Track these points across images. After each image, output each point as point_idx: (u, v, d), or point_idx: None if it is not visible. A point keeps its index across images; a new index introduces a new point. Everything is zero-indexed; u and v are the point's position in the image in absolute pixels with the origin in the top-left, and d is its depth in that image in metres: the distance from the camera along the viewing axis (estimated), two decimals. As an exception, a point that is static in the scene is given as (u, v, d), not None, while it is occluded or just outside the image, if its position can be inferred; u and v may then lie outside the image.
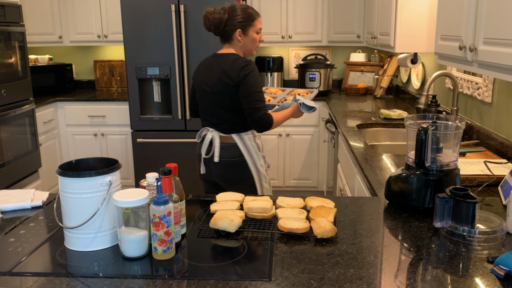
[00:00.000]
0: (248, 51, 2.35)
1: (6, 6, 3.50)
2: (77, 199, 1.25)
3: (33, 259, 1.24)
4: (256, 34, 2.32)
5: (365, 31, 4.11)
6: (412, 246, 1.26)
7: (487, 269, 1.14)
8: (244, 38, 2.29)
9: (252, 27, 2.29)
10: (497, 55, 1.45)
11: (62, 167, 1.29)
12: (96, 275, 1.14)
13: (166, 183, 1.24)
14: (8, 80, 3.53)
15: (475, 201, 1.29)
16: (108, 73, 4.88)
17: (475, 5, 1.63)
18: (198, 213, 1.54)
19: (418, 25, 2.86)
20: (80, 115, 4.33)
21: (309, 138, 4.24)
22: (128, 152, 4.37)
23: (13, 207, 1.59)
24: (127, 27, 3.80)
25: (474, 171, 1.78)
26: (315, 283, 1.08)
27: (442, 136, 1.48)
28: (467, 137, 2.44)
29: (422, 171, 1.47)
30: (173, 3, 3.71)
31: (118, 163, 1.32)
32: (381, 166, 2.01)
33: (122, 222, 1.23)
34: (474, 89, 2.44)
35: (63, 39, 4.52)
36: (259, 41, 2.35)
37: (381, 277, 1.11)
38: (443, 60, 2.00)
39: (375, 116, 3.24)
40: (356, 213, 1.51)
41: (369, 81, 4.45)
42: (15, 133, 3.60)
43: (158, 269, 1.17)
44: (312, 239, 1.31)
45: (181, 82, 3.86)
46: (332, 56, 4.78)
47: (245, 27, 2.28)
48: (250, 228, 1.39)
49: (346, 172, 2.70)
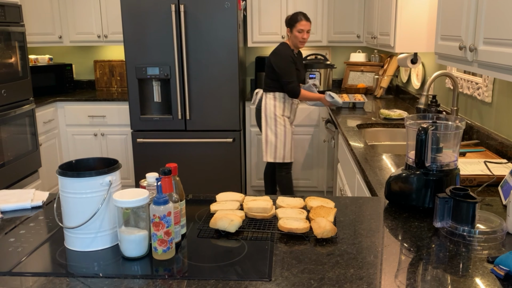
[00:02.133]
0: (294, 44, 3.49)
1: (6, 6, 3.50)
2: (77, 199, 1.25)
3: (33, 259, 1.24)
4: (298, 33, 3.41)
5: (365, 31, 4.11)
6: (412, 246, 1.26)
7: (487, 269, 1.14)
8: (290, 34, 3.48)
9: (294, 28, 3.42)
10: (497, 55, 1.45)
11: (62, 167, 1.29)
12: (96, 275, 1.14)
13: (166, 183, 1.24)
14: (8, 80, 3.53)
15: (475, 201, 1.29)
16: (108, 73, 4.88)
17: (475, 5, 1.63)
18: (198, 213, 1.54)
19: (418, 25, 2.86)
20: (80, 115, 4.33)
21: (309, 138, 4.24)
22: (128, 152, 4.37)
23: (13, 207, 1.59)
24: (127, 27, 3.80)
25: (474, 171, 1.78)
26: (315, 283, 1.08)
27: (442, 136, 1.48)
28: (467, 137, 2.44)
29: (422, 171, 1.47)
30: (173, 3, 3.71)
31: (118, 163, 1.32)
32: (381, 166, 2.01)
33: (122, 222, 1.23)
34: (474, 89, 2.44)
35: (63, 39, 4.52)
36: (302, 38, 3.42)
37: (381, 277, 1.11)
38: (443, 60, 2.00)
39: (375, 116, 3.24)
40: (356, 213, 1.51)
41: (369, 81, 4.45)
42: (15, 133, 3.60)
43: (158, 269, 1.17)
44: (312, 239, 1.31)
45: (181, 82, 3.86)
46: (332, 56, 4.78)
47: (291, 27, 3.46)
48: (250, 228, 1.39)
49: (346, 172, 2.70)
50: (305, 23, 3.40)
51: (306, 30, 3.41)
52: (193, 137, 3.97)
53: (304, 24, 3.40)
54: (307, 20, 3.42)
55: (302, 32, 3.40)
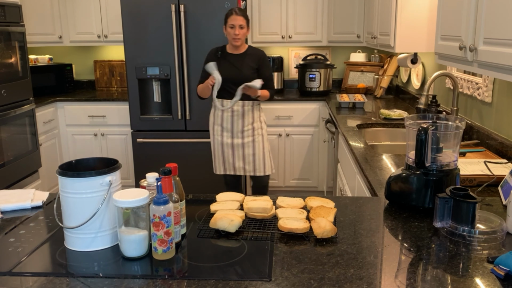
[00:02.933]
0: (230, 42, 3.16)
1: (6, 6, 3.50)
2: (77, 199, 1.25)
3: (33, 259, 1.24)
4: (230, 28, 3.08)
5: (365, 31, 4.11)
6: (412, 246, 1.26)
7: (487, 269, 1.14)
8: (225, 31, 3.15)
9: (226, 23, 3.11)
10: (497, 55, 1.45)
11: (62, 167, 1.29)
12: (96, 275, 1.14)
13: (166, 183, 1.24)
14: (8, 80, 3.53)
15: (475, 201, 1.29)
16: (108, 73, 4.88)
17: (475, 5, 1.63)
18: (198, 213, 1.54)
19: (418, 25, 2.86)
20: (80, 115, 4.33)
21: (309, 138, 4.24)
22: (128, 152, 4.37)
23: (13, 207, 1.59)
24: (127, 27, 3.80)
25: (474, 171, 1.78)
26: (315, 283, 1.08)
27: (442, 136, 1.48)
28: (467, 137, 2.44)
29: (422, 171, 1.47)
30: (173, 3, 3.71)
31: (118, 163, 1.32)
32: (381, 166, 2.01)
33: (122, 222, 1.23)
34: (474, 89, 2.44)
35: (63, 39, 4.52)
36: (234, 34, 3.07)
37: (381, 277, 1.11)
38: (443, 60, 2.00)
39: (375, 116, 3.24)
40: (356, 213, 1.51)
41: (369, 81, 4.45)
42: (15, 133, 3.60)
43: (158, 269, 1.17)
44: (312, 239, 1.31)
45: (181, 82, 3.86)
46: (332, 56, 4.78)
47: (225, 23, 3.14)
48: (250, 228, 1.39)
49: (346, 172, 2.70)
50: (235, 17, 3.06)
51: (238, 25, 3.05)
52: (193, 137, 3.97)
53: (234, 18, 3.06)
54: (239, 14, 3.07)
55: (233, 28, 3.06)
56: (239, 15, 3.06)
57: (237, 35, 3.06)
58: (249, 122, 3.22)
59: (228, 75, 3.11)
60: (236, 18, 3.05)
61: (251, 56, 3.18)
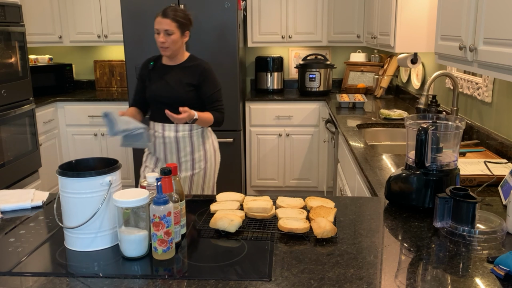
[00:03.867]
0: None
1: (6, 6, 3.50)
2: (77, 199, 1.25)
3: (33, 259, 1.24)
4: (156, 34, 2.34)
5: (365, 31, 4.11)
6: (412, 246, 1.26)
7: (487, 269, 1.14)
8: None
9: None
10: (497, 55, 1.45)
11: (62, 167, 1.29)
12: (96, 275, 1.14)
13: (166, 183, 1.24)
14: (8, 80, 3.53)
15: (475, 201, 1.29)
16: (108, 73, 4.88)
17: (475, 5, 1.63)
18: (198, 213, 1.54)
19: (418, 25, 2.86)
20: (80, 115, 4.33)
21: (309, 138, 4.24)
22: (128, 152, 4.37)
23: (13, 207, 1.59)
24: (127, 27, 3.80)
25: (474, 171, 1.78)
26: (315, 283, 1.08)
27: (442, 136, 1.48)
28: (467, 137, 2.44)
29: (422, 171, 1.47)
30: (173, 3, 3.71)
31: (118, 163, 1.32)
32: (381, 166, 2.01)
33: (122, 222, 1.23)
34: (474, 89, 2.44)
35: (63, 39, 4.52)
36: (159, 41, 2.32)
37: (381, 277, 1.11)
38: (443, 60, 2.00)
39: (375, 116, 3.24)
40: (356, 213, 1.51)
41: (369, 81, 4.45)
42: (15, 133, 3.60)
43: (158, 269, 1.17)
44: (312, 239, 1.31)
45: (181, 82, 3.85)
46: (332, 56, 4.78)
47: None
48: (250, 228, 1.39)
49: (346, 172, 2.70)
50: (159, 20, 2.31)
51: (163, 30, 2.30)
52: (193, 137, 3.96)
53: (159, 21, 2.31)
54: (166, 16, 2.31)
55: (158, 34, 2.32)
56: (166, 17, 2.30)
57: (163, 43, 2.31)
58: (187, 152, 2.45)
59: (157, 92, 2.42)
60: (161, 22, 2.30)
61: (189, 69, 2.44)
